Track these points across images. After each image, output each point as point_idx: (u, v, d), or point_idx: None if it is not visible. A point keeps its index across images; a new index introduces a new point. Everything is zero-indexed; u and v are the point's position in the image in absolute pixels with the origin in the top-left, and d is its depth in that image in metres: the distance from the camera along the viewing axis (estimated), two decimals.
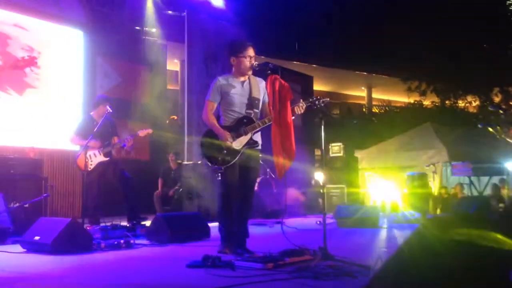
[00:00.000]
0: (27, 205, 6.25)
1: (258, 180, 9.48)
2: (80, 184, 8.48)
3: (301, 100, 4.17)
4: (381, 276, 2.48)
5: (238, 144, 4.15)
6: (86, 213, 6.21)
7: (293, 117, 4.17)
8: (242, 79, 4.29)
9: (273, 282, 3.07)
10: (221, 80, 4.27)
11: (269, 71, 4.19)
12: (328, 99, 4.26)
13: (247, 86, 4.28)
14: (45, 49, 9.05)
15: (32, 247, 4.62)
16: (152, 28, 11.38)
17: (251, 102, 4.25)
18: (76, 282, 3.37)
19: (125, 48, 10.54)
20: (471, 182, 9.85)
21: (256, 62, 4.26)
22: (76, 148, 6.69)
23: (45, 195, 6.64)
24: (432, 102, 21.58)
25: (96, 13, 10.05)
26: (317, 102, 4.13)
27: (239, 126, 4.19)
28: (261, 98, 4.33)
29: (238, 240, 4.22)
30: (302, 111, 4.18)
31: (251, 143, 4.22)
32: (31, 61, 5.48)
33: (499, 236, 2.42)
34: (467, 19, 18.25)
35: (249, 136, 4.20)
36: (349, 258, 3.61)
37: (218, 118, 4.32)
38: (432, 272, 2.32)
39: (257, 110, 4.29)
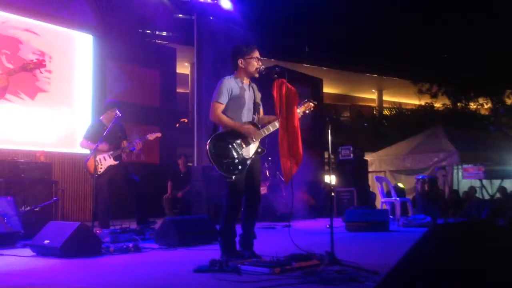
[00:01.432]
0: (37, 209, 6.31)
1: (268, 183, 9.47)
2: (90, 187, 8.53)
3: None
4: (388, 281, 2.46)
5: (247, 152, 4.08)
6: (96, 217, 6.24)
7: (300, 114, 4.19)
8: (247, 82, 4.26)
9: (280, 287, 3.06)
10: (230, 81, 4.15)
11: (275, 75, 4.16)
12: (313, 105, 4.30)
13: (252, 90, 4.26)
14: (56, 54, 9.14)
15: (42, 251, 4.64)
16: (162, 32, 11.43)
17: (255, 107, 4.24)
18: (84, 286, 3.39)
19: (135, 52, 10.61)
20: (483, 186, 9.72)
21: (263, 66, 4.24)
22: (86, 151, 6.73)
23: (54, 199, 6.69)
24: (443, 104, 21.47)
25: (106, 17, 10.12)
26: (307, 110, 4.25)
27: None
28: (260, 104, 4.32)
29: (246, 242, 4.20)
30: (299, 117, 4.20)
31: (259, 152, 4.16)
32: (40, 64, 5.51)
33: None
34: (479, 20, 18.12)
35: (257, 143, 4.16)
36: (356, 263, 3.59)
37: None
38: (441, 278, 2.29)
39: (258, 115, 4.27)
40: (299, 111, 4.21)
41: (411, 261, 2.43)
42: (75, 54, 9.56)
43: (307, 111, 4.33)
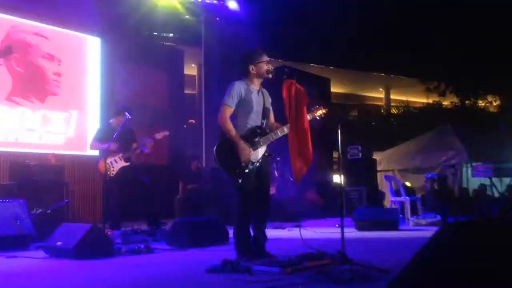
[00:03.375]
0: (49, 211, 6.37)
1: (276, 184, 9.49)
2: (100, 189, 8.59)
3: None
4: (400, 280, 2.47)
5: (254, 156, 4.12)
6: (107, 218, 6.29)
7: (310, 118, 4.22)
8: (257, 87, 4.30)
9: (292, 287, 3.07)
10: (241, 85, 4.21)
11: (284, 76, 4.19)
12: (325, 110, 4.32)
13: (261, 95, 4.31)
14: (65, 57, 9.21)
15: (54, 253, 4.68)
16: (169, 34, 11.48)
17: (265, 111, 4.27)
18: (96, 287, 3.42)
19: (142, 54, 10.66)
20: (493, 184, 9.68)
21: (272, 67, 4.28)
22: (96, 153, 6.79)
23: (66, 200, 6.76)
24: (452, 102, 21.36)
25: (113, 20, 10.17)
26: (318, 116, 4.33)
27: (254, 136, 4.16)
28: (270, 109, 4.36)
29: (257, 243, 4.23)
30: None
31: (266, 155, 4.20)
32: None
33: None
34: (486, 17, 18.01)
35: (264, 147, 4.20)
36: (367, 262, 3.60)
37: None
38: (453, 277, 2.30)
39: (267, 120, 4.31)
40: (309, 117, 4.23)
41: (423, 260, 2.44)
42: (84, 57, 9.62)
43: (317, 117, 4.35)
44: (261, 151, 4.17)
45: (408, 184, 10.89)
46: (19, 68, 8.42)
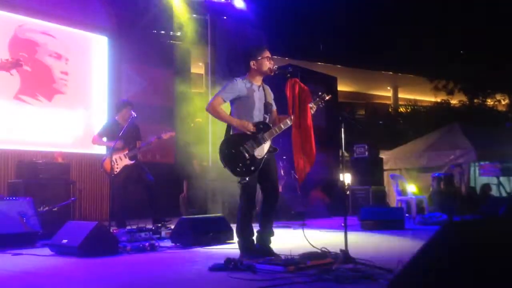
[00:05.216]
0: (55, 209, 6.42)
1: (283, 182, 9.49)
2: (107, 187, 8.63)
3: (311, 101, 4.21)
4: (402, 279, 2.46)
5: (259, 152, 4.13)
6: (113, 216, 6.33)
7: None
8: (258, 83, 4.31)
9: (294, 285, 3.08)
10: (241, 82, 4.23)
11: (288, 75, 4.19)
12: (328, 96, 4.31)
13: (262, 91, 4.32)
14: (72, 56, 9.25)
15: (60, 250, 4.72)
16: (177, 32, 11.49)
17: (266, 107, 4.28)
18: (102, 284, 3.45)
19: (149, 53, 10.68)
20: (500, 183, 9.64)
21: (276, 66, 4.28)
22: (102, 151, 6.83)
23: (72, 199, 6.80)
24: (460, 101, 21.22)
25: (120, 19, 10.20)
26: (320, 103, 4.30)
27: (257, 132, 4.16)
28: (273, 104, 4.37)
29: (264, 240, 4.24)
30: (313, 112, 4.21)
31: (271, 151, 4.22)
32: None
33: None
34: (494, 16, 17.89)
35: (269, 143, 4.21)
36: (370, 261, 3.60)
37: None
38: (455, 276, 2.29)
39: (270, 115, 4.32)
40: (313, 105, 4.23)
41: (425, 259, 2.43)
42: (91, 56, 9.67)
43: (320, 104, 4.35)
44: (266, 146, 4.18)
45: (414, 188, 10.81)
46: (26, 67, 8.46)
